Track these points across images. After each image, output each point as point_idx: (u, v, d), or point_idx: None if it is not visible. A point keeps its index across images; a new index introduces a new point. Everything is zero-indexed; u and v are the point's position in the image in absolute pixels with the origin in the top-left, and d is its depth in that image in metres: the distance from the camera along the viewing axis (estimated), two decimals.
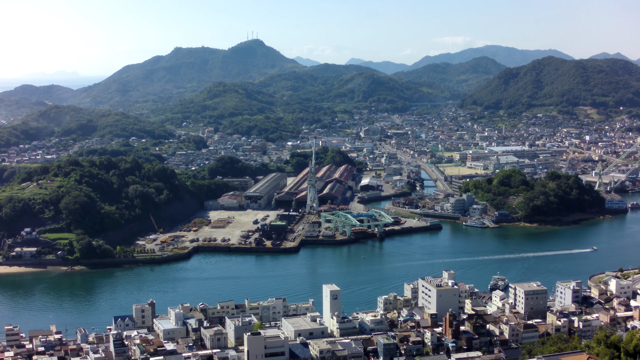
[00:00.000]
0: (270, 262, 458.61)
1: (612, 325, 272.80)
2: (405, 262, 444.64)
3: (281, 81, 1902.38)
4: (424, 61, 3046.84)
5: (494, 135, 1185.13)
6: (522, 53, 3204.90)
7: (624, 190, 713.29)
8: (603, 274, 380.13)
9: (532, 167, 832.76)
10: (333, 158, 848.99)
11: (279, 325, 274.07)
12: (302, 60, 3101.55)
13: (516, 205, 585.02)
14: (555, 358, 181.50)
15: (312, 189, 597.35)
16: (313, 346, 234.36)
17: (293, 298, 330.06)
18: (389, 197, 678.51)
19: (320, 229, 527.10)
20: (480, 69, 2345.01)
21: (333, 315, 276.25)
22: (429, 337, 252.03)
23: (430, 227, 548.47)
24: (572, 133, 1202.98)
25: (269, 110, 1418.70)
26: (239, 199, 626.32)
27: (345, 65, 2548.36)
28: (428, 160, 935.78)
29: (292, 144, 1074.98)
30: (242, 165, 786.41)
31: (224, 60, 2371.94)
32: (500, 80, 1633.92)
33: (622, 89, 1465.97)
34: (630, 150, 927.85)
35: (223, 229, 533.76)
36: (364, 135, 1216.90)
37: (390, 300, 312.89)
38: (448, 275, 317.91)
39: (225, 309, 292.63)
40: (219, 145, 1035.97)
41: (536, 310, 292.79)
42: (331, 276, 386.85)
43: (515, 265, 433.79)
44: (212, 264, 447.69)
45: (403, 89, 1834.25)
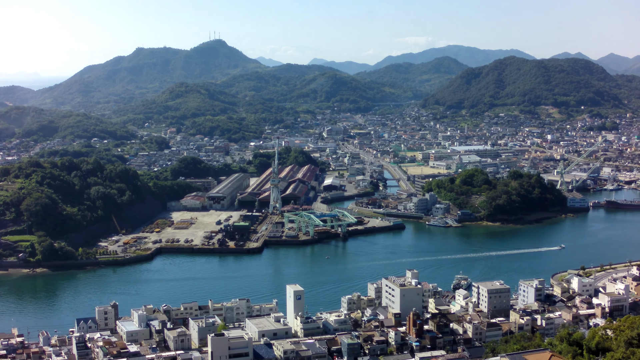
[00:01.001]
0: (233, 263, 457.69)
1: (575, 323, 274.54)
2: (369, 262, 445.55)
3: (244, 81, 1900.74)
4: (386, 61, 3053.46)
5: (457, 135, 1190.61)
6: (484, 53, 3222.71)
7: (585, 189, 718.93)
8: (565, 272, 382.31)
9: (494, 166, 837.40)
10: (296, 158, 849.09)
11: (242, 326, 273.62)
12: (265, 60, 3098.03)
13: (479, 204, 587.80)
14: (518, 356, 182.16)
15: (275, 190, 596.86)
16: (277, 347, 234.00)
17: (257, 299, 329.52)
18: (352, 197, 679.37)
19: (283, 229, 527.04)
20: (443, 69, 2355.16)
21: (297, 315, 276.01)
22: (393, 337, 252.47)
23: (394, 226, 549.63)
24: (534, 132, 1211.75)
25: (232, 111, 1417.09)
26: (202, 199, 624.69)
27: (307, 65, 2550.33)
28: (391, 160, 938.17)
29: (255, 144, 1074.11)
30: (204, 165, 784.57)
31: (186, 60, 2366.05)
32: (463, 80, 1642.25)
33: (583, 88, 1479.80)
34: (591, 149, 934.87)
35: (186, 230, 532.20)
36: (326, 135, 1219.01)
37: (354, 300, 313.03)
38: (411, 274, 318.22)
39: (188, 310, 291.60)
40: (181, 146, 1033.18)
41: (499, 308, 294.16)
42: (295, 276, 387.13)
43: (478, 264, 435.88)
44: (175, 265, 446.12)
45: (366, 89, 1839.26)
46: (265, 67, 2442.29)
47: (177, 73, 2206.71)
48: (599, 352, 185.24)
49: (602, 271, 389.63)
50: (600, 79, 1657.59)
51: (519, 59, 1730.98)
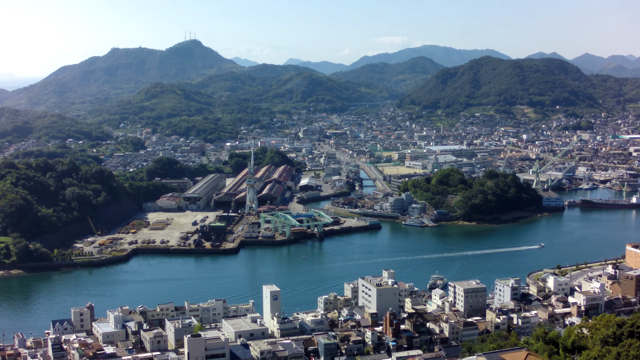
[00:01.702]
0: (209, 264, 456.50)
1: (551, 322, 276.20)
2: (345, 262, 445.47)
3: (219, 82, 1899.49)
4: (362, 61, 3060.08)
5: (432, 135, 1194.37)
6: (459, 53, 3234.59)
7: (560, 188, 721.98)
8: (541, 271, 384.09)
9: (470, 166, 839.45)
10: (272, 158, 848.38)
11: (219, 327, 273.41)
12: (241, 60, 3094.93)
13: (455, 204, 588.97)
14: (495, 355, 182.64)
15: (251, 190, 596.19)
16: (254, 347, 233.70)
17: (233, 299, 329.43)
18: (328, 197, 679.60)
19: (259, 230, 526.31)
20: (418, 69, 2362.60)
21: (273, 316, 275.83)
22: (370, 337, 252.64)
23: (370, 226, 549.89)
24: (510, 132, 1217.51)
25: (207, 111, 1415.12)
26: (178, 200, 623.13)
27: (283, 65, 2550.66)
28: (367, 160, 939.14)
29: (231, 144, 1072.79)
30: (180, 166, 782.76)
31: (162, 60, 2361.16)
32: (438, 80, 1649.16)
33: (558, 88, 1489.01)
34: (566, 148, 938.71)
35: (162, 230, 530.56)
36: (302, 135, 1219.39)
37: (331, 300, 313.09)
38: (388, 274, 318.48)
39: (164, 311, 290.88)
40: (157, 147, 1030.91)
41: (476, 308, 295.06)
42: (271, 277, 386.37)
43: (454, 263, 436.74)
44: (151, 266, 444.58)
45: (341, 89, 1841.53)
46: (241, 67, 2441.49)
47: (153, 73, 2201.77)
48: (574, 351, 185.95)
49: (578, 270, 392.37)
50: (575, 78, 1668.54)
51: (494, 59, 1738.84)
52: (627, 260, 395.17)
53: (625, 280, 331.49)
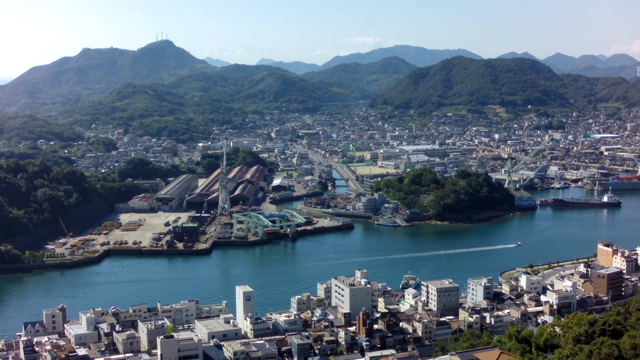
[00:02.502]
0: (182, 265, 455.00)
1: (523, 321, 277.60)
2: (318, 262, 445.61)
3: (191, 82, 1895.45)
4: (334, 61, 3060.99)
5: (405, 135, 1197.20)
6: (431, 53, 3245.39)
7: (532, 188, 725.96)
8: (514, 270, 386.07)
9: (442, 165, 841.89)
10: (244, 159, 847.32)
11: (192, 328, 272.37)
12: (213, 60, 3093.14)
13: (427, 203, 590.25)
14: (468, 354, 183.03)
15: (224, 190, 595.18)
16: (227, 348, 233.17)
17: (206, 300, 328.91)
18: (301, 197, 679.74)
19: (232, 230, 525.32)
20: (391, 69, 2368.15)
21: (246, 316, 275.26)
22: (343, 337, 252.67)
23: (343, 226, 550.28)
24: (482, 131, 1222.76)
25: (180, 112, 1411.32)
26: (150, 201, 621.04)
27: (255, 65, 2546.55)
28: (339, 160, 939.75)
29: (203, 145, 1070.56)
30: (152, 167, 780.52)
31: (134, 61, 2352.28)
32: (410, 80, 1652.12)
33: (530, 87, 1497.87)
34: (538, 148, 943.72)
35: (134, 231, 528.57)
36: (275, 135, 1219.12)
37: (304, 301, 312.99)
38: (361, 274, 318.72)
39: (137, 312, 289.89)
40: (129, 147, 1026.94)
41: (448, 307, 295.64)
42: (244, 277, 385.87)
43: (427, 263, 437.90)
44: (123, 267, 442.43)
45: (314, 89, 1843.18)
46: (213, 67, 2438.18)
47: (125, 74, 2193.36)
48: (547, 349, 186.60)
49: (550, 269, 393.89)
50: (547, 78, 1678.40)
51: (466, 59, 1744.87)
52: (599, 258, 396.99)
53: (596, 279, 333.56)
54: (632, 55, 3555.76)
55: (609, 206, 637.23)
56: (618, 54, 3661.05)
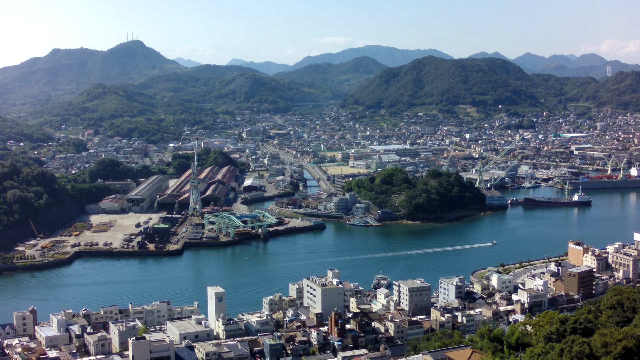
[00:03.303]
0: (153, 266, 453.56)
1: (495, 319, 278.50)
2: (290, 262, 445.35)
3: (162, 82, 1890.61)
4: (305, 61, 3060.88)
5: (376, 135, 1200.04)
6: (402, 53, 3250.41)
7: (503, 187, 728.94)
8: (485, 270, 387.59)
9: (413, 165, 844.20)
10: (215, 159, 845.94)
11: (164, 329, 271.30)
12: (183, 61, 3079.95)
13: (399, 203, 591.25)
14: (440, 353, 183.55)
15: (195, 191, 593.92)
16: (199, 349, 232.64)
17: (178, 301, 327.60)
18: (272, 197, 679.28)
19: (203, 231, 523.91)
20: (362, 69, 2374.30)
21: (218, 317, 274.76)
22: (315, 337, 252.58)
23: (314, 226, 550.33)
24: (453, 131, 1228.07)
25: (150, 112, 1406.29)
26: (121, 202, 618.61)
27: (226, 65, 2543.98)
28: (311, 160, 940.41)
29: (174, 145, 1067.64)
30: (123, 168, 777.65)
31: (104, 61, 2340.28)
32: (381, 80, 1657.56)
33: (501, 87, 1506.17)
34: (509, 147, 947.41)
35: (105, 232, 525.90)
36: (246, 136, 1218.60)
37: (276, 301, 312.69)
38: (332, 274, 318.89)
39: (108, 314, 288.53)
40: (99, 148, 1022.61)
41: (420, 306, 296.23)
42: (216, 278, 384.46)
43: (398, 262, 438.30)
44: (94, 269, 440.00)
45: (285, 89, 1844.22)
46: (183, 67, 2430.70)
47: (95, 74, 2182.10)
48: (519, 348, 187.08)
49: (521, 268, 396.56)
50: (517, 78, 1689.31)
51: (437, 59, 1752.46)
52: (570, 257, 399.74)
53: (567, 278, 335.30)
54: (601, 55, 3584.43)
55: (579, 205, 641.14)
56: (588, 54, 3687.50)
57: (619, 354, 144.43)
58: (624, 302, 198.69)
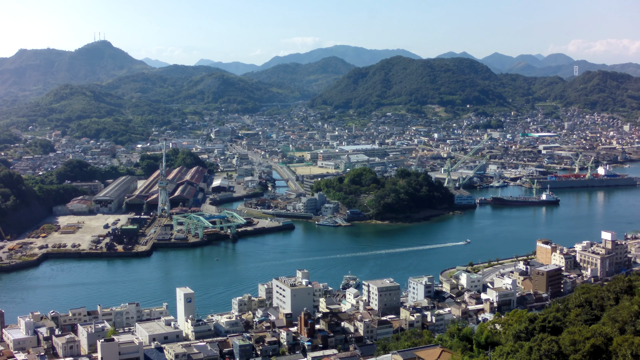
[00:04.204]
0: (122, 267, 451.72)
1: (464, 319, 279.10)
2: (259, 263, 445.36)
3: (130, 83, 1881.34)
4: (273, 61, 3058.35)
5: (344, 135, 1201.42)
6: (370, 53, 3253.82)
7: (472, 186, 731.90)
8: (454, 269, 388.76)
9: (382, 165, 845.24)
10: (184, 160, 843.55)
11: (133, 331, 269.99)
12: (151, 61, 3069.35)
13: (367, 203, 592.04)
14: (409, 353, 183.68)
15: (163, 192, 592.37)
16: (168, 350, 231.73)
17: (146, 303, 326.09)
18: (241, 198, 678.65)
19: (172, 232, 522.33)
20: (330, 69, 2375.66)
21: (187, 318, 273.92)
22: (285, 337, 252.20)
23: (283, 227, 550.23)
24: (421, 131, 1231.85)
25: (118, 113, 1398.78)
26: (89, 203, 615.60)
27: (194, 66, 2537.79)
28: (279, 160, 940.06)
29: (142, 146, 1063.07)
30: (91, 169, 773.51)
31: (71, 62, 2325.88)
32: (350, 80, 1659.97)
33: (469, 87, 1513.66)
34: (477, 147, 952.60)
35: (73, 234, 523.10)
36: (214, 136, 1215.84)
37: (245, 302, 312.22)
38: (302, 274, 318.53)
39: (77, 316, 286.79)
40: (67, 149, 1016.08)
41: (390, 306, 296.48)
42: (185, 279, 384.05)
43: (368, 262, 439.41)
44: (62, 271, 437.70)
45: (253, 90, 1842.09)
46: (151, 68, 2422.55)
47: (62, 75, 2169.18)
48: (488, 346, 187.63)
49: (490, 267, 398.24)
50: (485, 77, 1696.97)
51: (405, 59, 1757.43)
52: (538, 256, 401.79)
53: (536, 276, 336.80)
54: (568, 55, 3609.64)
55: (547, 204, 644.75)
56: (555, 54, 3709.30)
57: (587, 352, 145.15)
58: (592, 301, 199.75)
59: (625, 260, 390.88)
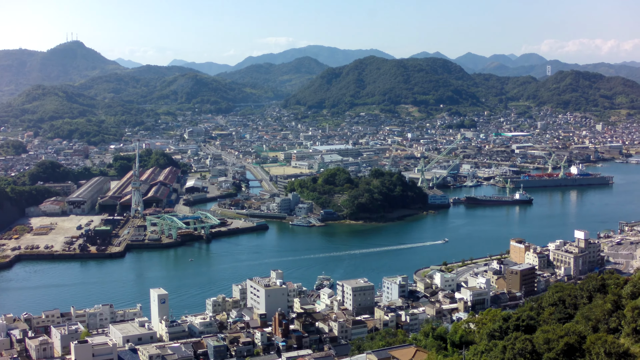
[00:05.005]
0: (95, 268, 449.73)
1: (438, 318, 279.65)
2: (233, 263, 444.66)
3: (102, 83, 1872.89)
4: (247, 62, 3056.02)
5: (318, 135, 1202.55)
6: (344, 53, 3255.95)
7: (445, 186, 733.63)
8: (428, 268, 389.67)
9: (356, 165, 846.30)
10: (157, 160, 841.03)
11: (106, 332, 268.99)
12: (124, 61, 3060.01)
13: (341, 203, 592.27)
14: (384, 352, 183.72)
15: (137, 192, 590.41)
16: (142, 352, 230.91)
17: (120, 304, 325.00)
18: (215, 198, 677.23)
19: (146, 233, 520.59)
20: (303, 69, 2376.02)
21: (161, 319, 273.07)
22: (259, 338, 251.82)
23: (257, 227, 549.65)
24: (395, 131, 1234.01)
25: (91, 114, 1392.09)
26: (62, 204, 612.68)
27: (168, 66, 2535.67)
28: (253, 160, 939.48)
29: (115, 147, 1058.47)
30: (64, 169, 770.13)
31: (43, 62, 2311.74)
32: (323, 80, 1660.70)
33: (442, 87, 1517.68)
34: (450, 146, 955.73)
35: (46, 235, 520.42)
36: (188, 136, 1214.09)
37: (219, 302, 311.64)
38: (276, 274, 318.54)
39: (50, 317, 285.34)
40: (39, 150, 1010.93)
41: (364, 306, 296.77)
42: (158, 280, 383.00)
43: (342, 262, 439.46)
44: (35, 272, 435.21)
45: (227, 90, 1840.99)
46: (124, 68, 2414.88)
47: (34, 75, 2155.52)
48: (462, 345, 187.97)
49: (464, 266, 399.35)
50: (459, 77, 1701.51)
51: (378, 59, 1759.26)
52: (512, 255, 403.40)
53: (509, 275, 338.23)
54: (541, 55, 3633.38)
55: (520, 203, 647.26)
56: (528, 54, 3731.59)
57: (560, 350, 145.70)
58: (565, 299, 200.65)
59: (598, 259, 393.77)
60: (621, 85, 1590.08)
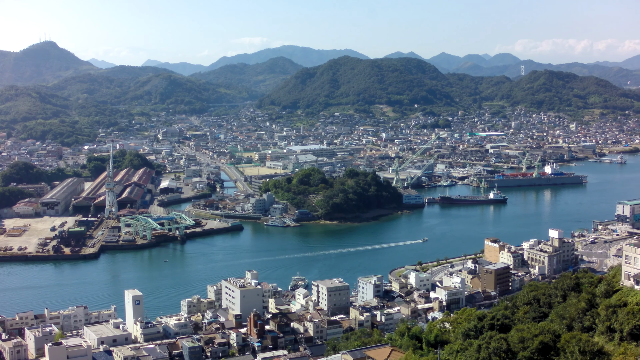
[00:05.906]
0: (69, 270, 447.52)
1: (413, 317, 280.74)
2: (208, 264, 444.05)
3: (76, 84, 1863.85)
4: (221, 62, 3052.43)
5: (293, 135, 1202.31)
6: (318, 53, 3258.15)
7: (420, 186, 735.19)
8: (403, 268, 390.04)
9: (330, 165, 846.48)
10: (131, 161, 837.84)
11: (81, 334, 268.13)
12: (98, 62, 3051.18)
13: (316, 203, 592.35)
14: (359, 352, 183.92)
15: (111, 193, 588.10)
16: (117, 353, 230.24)
17: (94, 305, 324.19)
18: (189, 199, 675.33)
19: (120, 234, 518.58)
20: (278, 69, 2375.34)
21: (136, 320, 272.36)
22: (234, 338, 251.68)
23: (232, 228, 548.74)
24: (369, 131, 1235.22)
25: (64, 114, 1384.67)
26: (35, 205, 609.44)
27: (141, 66, 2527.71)
28: (227, 161, 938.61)
29: (89, 148, 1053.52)
30: (37, 171, 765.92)
31: (16, 62, 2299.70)
32: (298, 80, 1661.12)
33: (416, 87, 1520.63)
34: (425, 146, 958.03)
35: (19, 237, 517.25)
36: (162, 137, 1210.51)
37: (194, 303, 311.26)
38: (251, 275, 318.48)
39: (24, 319, 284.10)
40: (12, 151, 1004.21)
41: (339, 306, 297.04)
42: (133, 281, 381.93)
43: (317, 263, 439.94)
44: (8, 274, 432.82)
45: (201, 90, 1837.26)
46: (98, 69, 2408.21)
47: (7, 76, 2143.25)
48: (437, 345, 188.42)
49: (439, 266, 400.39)
50: (433, 77, 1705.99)
51: (352, 59, 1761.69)
52: (486, 254, 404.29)
53: (484, 274, 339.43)
54: (515, 55, 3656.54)
55: (495, 203, 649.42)
56: (502, 54, 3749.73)
57: (535, 349, 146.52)
58: (539, 298, 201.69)
59: (572, 258, 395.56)
60: (594, 85, 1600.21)
